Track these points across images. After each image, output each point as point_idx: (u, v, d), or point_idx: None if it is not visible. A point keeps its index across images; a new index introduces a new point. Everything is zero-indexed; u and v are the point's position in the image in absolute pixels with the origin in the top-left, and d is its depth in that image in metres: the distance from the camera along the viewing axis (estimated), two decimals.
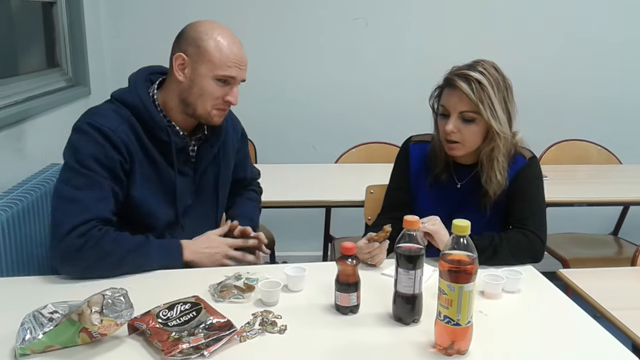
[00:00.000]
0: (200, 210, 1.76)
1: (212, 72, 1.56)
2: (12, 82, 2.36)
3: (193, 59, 1.56)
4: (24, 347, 1.14)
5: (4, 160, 2.09)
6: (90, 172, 1.50)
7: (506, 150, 1.68)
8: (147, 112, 1.58)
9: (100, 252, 1.46)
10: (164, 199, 1.65)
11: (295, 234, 3.29)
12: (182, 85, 1.58)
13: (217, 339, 1.18)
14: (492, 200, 1.70)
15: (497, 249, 1.60)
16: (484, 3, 3.37)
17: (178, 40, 1.60)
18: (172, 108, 1.62)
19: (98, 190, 1.50)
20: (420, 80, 3.42)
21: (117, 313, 1.16)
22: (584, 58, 3.46)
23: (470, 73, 1.61)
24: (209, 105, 1.59)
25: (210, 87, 1.57)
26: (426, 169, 1.81)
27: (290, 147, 3.43)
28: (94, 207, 1.48)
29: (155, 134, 1.59)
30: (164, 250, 1.58)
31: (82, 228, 1.45)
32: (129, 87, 1.63)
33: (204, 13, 3.34)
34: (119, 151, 1.53)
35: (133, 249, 1.52)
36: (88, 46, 2.97)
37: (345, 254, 1.34)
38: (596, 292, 1.53)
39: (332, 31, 3.37)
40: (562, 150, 3.11)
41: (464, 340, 1.19)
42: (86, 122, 1.53)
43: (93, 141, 1.51)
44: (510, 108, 1.66)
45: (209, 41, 1.55)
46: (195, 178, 1.71)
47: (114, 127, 1.53)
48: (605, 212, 3.14)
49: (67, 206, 1.48)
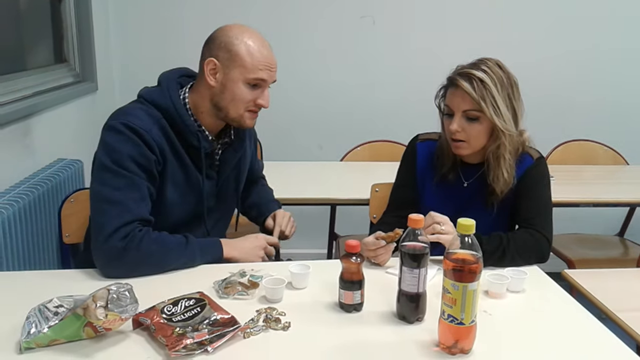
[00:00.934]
0: (219, 213, 1.78)
1: (243, 76, 1.56)
2: (20, 77, 2.38)
3: (225, 64, 1.56)
4: (29, 340, 1.15)
5: (12, 155, 2.10)
6: (129, 173, 1.49)
7: (513, 148, 1.67)
8: (178, 116, 1.58)
9: (143, 253, 1.47)
10: (190, 200, 1.66)
11: (300, 232, 3.27)
12: (214, 89, 1.58)
13: (221, 334, 1.18)
14: (499, 199, 1.70)
15: (506, 250, 1.60)
16: (490, 2, 3.36)
17: (208, 45, 1.59)
18: (203, 112, 1.62)
19: (137, 190, 1.50)
20: (426, 78, 3.41)
21: (122, 308, 1.16)
22: (590, 58, 3.44)
23: (472, 72, 1.61)
24: (241, 108, 1.59)
25: (242, 91, 1.57)
26: (433, 167, 1.81)
27: (296, 145, 3.44)
28: (134, 208, 1.49)
29: (185, 138, 1.59)
30: (205, 249, 1.59)
31: (124, 229, 1.46)
32: (160, 88, 1.62)
33: (209, 11, 3.36)
34: (154, 152, 1.53)
35: (175, 249, 1.53)
36: (95, 42, 2.98)
37: (349, 252, 1.34)
38: (601, 293, 1.52)
39: (339, 29, 3.37)
40: (568, 150, 3.10)
41: (467, 339, 1.19)
42: (120, 122, 1.52)
43: (129, 141, 1.50)
44: (516, 105, 1.65)
45: (240, 45, 1.55)
46: (218, 182, 1.73)
47: (148, 127, 1.53)
48: (611, 213, 3.13)
49: (108, 208, 1.47)
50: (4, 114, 2.04)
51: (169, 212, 1.62)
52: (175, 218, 1.64)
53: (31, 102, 2.28)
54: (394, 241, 1.54)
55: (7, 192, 1.88)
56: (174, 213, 1.63)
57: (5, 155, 2.06)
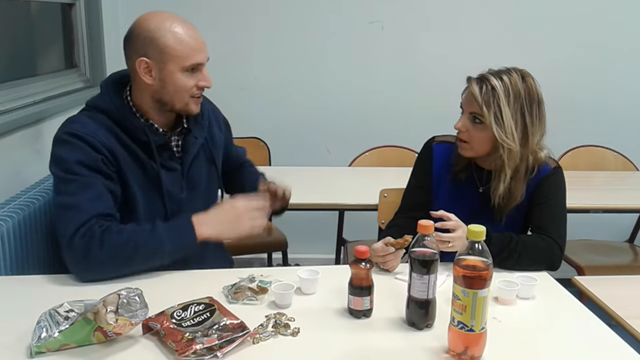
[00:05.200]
0: (194, 204, 1.71)
1: (180, 65, 1.54)
2: (31, 82, 2.40)
3: (157, 59, 1.54)
4: (40, 345, 1.15)
5: (22, 160, 2.11)
6: (79, 177, 1.51)
7: (521, 165, 1.65)
8: (121, 115, 1.59)
9: (107, 247, 1.45)
10: (154, 194, 1.64)
11: (308, 237, 3.29)
12: (153, 87, 1.57)
13: (231, 340, 1.18)
14: (504, 212, 1.70)
15: (514, 248, 1.59)
16: (500, 6, 3.35)
17: (131, 44, 1.57)
18: (148, 110, 1.62)
19: (91, 190, 1.51)
20: (435, 84, 3.44)
21: (132, 313, 1.17)
22: (601, 63, 3.43)
23: (489, 77, 1.62)
24: (186, 97, 1.59)
25: (182, 80, 1.56)
26: (448, 170, 1.80)
27: (305, 150, 3.44)
28: (89, 206, 1.49)
29: (133, 135, 1.60)
30: (174, 230, 1.53)
31: (83, 229, 1.46)
32: (100, 94, 1.64)
33: (219, 17, 3.38)
34: (100, 152, 1.53)
35: (140, 237, 1.49)
36: (106, 47, 3.00)
37: (358, 258, 1.34)
38: (612, 300, 1.51)
39: (348, 35, 3.37)
40: (578, 156, 3.09)
41: (477, 346, 1.18)
42: (64, 132, 1.55)
43: (74, 147, 1.52)
44: (529, 121, 1.62)
45: (166, 36, 1.53)
46: (183, 171, 1.70)
47: (92, 131, 1.54)
48: (622, 219, 3.11)
49: (65, 213, 1.49)
50: (15, 119, 2.06)
51: (140, 211, 1.62)
52: (145, 216, 1.62)
53: (42, 107, 2.29)
54: (403, 247, 1.54)
55: (19, 196, 1.89)
56: (143, 211, 1.62)
57: (16, 160, 2.07)
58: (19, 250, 1.73)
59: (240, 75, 3.38)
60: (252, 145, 3.12)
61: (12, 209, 1.76)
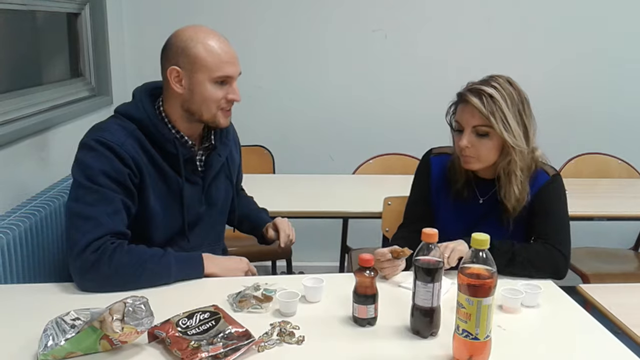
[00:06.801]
0: (209, 220, 1.77)
1: (208, 76, 1.56)
2: (37, 91, 2.41)
3: (187, 69, 1.56)
4: (46, 353, 1.16)
5: (28, 169, 2.13)
6: (101, 188, 1.51)
7: (524, 165, 1.67)
8: (153, 125, 1.59)
9: (115, 265, 1.47)
10: (174, 207, 1.66)
11: (312, 245, 3.29)
12: (182, 96, 1.59)
13: (236, 348, 1.19)
14: (513, 216, 1.70)
15: (516, 253, 1.59)
16: (502, 15, 3.36)
17: (165, 54, 1.60)
18: (177, 119, 1.63)
19: (110, 204, 1.52)
20: (438, 92, 3.41)
21: (137, 321, 1.17)
22: (604, 70, 3.43)
23: (482, 87, 1.62)
24: (214, 108, 1.60)
25: (210, 91, 1.58)
26: (447, 182, 1.81)
27: (308, 158, 3.45)
28: (107, 222, 1.50)
29: (162, 146, 1.61)
30: (184, 261, 1.58)
31: (96, 243, 1.47)
32: (133, 101, 1.64)
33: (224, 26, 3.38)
34: (127, 165, 1.54)
35: (149, 260, 1.53)
36: (111, 56, 3.02)
37: (363, 266, 1.34)
38: (617, 308, 1.51)
39: (351, 43, 3.39)
40: (582, 163, 3.08)
41: (482, 354, 1.18)
42: (92, 139, 1.55)
43: (101, 156, 1.52)
44: (527, 122, 1.65)
45: (198, 47, 1.55)
46: (204, 186, 1.72)
47: (121, 141, 1.54)
48: (626, 227, 3.11)
49: (81, 223, 1.49)
50: (21, 128, 2.07)
51: (156, 224, 1.63)
52: (160, 229, 1.64)
53: (47, 116, 2.31)
54: (399, 258, 1.55)
55: (24, 205, 1.90)
56: (161, 224, 1.64)
57: (22, 168, 2.08)
58: (26, 258, 1.74)
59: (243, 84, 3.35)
60: (256, 154, 3.14)
61: (18, 218, 1.77)
